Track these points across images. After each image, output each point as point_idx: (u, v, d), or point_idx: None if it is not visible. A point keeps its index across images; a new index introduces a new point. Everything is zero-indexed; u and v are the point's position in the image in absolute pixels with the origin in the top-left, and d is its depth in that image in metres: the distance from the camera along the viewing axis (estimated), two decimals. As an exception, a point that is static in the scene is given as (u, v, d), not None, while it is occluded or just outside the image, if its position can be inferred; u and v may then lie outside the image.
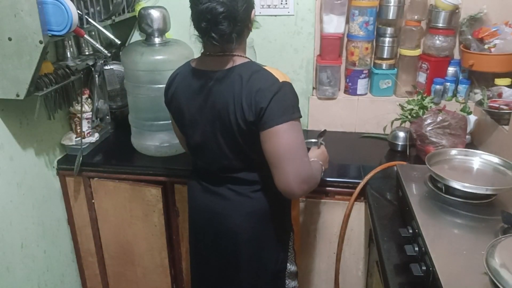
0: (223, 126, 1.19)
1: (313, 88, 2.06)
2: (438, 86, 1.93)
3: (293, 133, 1.12)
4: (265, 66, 1.18)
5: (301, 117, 1.16)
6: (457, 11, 1.84)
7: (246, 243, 1.29)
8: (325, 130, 1.56)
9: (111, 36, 1.64)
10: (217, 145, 1.24)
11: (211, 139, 1.24)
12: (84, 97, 1.76)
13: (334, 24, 1.90)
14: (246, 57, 1.22)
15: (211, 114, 1.20)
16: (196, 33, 1.16)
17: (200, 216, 1.37)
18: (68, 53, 1.71)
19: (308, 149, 1.46)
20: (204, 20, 1.10)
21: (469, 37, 1.84)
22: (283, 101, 1.11)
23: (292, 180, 1.11)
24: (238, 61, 1.18)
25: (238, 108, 1.13)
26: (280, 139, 1.11)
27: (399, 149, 1.82)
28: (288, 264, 1.40)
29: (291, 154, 1.11)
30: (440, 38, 1.88)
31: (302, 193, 1.15)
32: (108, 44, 1.93)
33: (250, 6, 1.17)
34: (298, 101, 1.17)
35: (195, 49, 1.86)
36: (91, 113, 1.81)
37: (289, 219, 1.38)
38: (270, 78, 1.12)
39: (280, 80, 1.12)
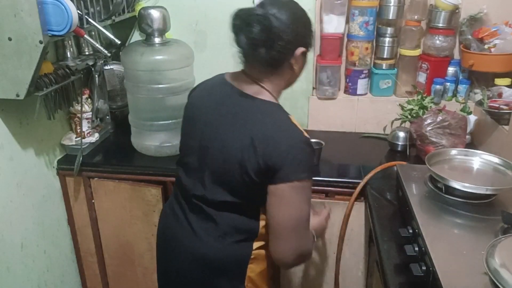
0: None
1: (313, 88, 2.06)
2: (438, 86, 1.93)
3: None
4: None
5: None
6: (457, 11, 1.84)
7: None
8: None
9: (111, 36, 1.64)
10: None
11: None
12: (84, 97, 1.76)
13: (334, 24, 1.90)
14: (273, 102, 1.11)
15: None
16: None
17: None
18: (68, 53, 1.71)
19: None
20: (237, 18, 1.03)
21: (469, 37, 1.84)
22: None
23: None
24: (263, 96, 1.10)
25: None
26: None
27: (399, 149, 1.82)
28: None
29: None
30: (440, 38, 1.88)
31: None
32: (108, 44, 1.93)
33: (299, 42, 1.07)
34: None
35: (195, 49, 1.87)
36: (91, 113, 1.81)
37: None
38: None
39: None
